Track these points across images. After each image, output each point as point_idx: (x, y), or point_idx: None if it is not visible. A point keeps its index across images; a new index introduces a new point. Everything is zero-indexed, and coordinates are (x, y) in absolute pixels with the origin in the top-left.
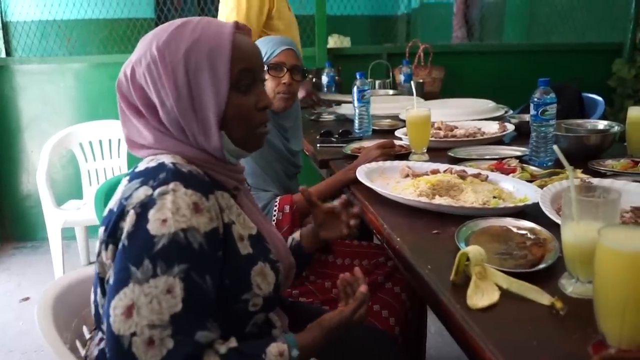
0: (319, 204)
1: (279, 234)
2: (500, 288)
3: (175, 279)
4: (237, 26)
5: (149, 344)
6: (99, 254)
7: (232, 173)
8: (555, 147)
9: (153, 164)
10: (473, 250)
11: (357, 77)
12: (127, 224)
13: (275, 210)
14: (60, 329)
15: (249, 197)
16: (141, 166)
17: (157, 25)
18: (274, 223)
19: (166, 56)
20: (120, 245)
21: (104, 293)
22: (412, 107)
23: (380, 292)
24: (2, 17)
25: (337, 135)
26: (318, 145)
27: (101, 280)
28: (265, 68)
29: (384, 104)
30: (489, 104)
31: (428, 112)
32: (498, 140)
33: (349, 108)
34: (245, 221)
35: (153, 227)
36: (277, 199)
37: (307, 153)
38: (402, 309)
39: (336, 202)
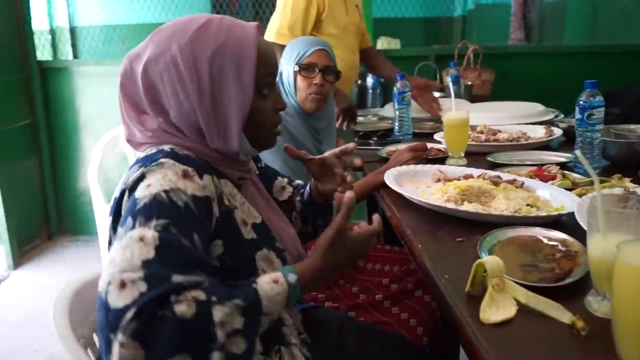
0: (308, 156)
1: (289, 228)
2: (518, 303)
3: (150, 230)
4: (259, 27)
5: (121, 287)
6: (109, 242)
7: (237, 166)
8: (577, 152)
9: (153, 150)
10: (490, 260)
11: (398, 78)
12: (124, 203)
13: None
14: (75, 323)
15: (259, 187)
16: (141, 154)
17: None
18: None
19: (190, 58)
20: None
21: None
22: (450, 110)
23: (409, 300)
24: (70, 22)
25: (375, 138)
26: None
27: None
28: (297, 69)
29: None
30: (538, 107)
31: (466, 114)
32: (545, 146)
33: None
34: (249, 210)
35: (138, 192)
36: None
37: None
38: (431, 319)
39: (328, 153)
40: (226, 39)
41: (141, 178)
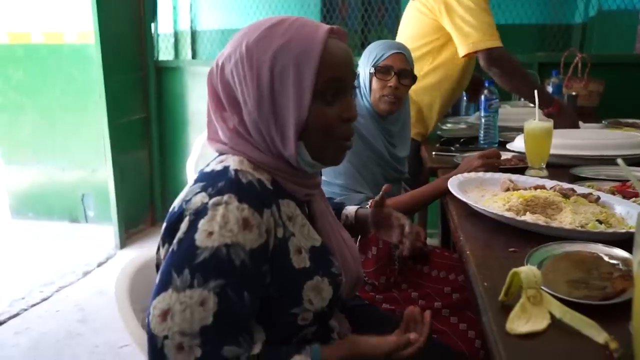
0: (384, 204)
1: (351, 242)
2: (553, 317)
3: (210, 293)
4: (332, 30)
5: (179, 349)
6: (158, 248)
7: (305, 180)
8: (619, 160)
9: (219, 167)
10: (526, 270)
11: (485, 85)
12: (181, 229)
13: None
14: (135, 294)
15: (324, 200)
16: (209, 167)
17: None
18: None
19: (254, 55)
20: (170, 248)
21: None
22: (532, 118)
23: (470, 311)
24: (191, 26)
25: (457, 145)
26: (434, 153)
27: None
28: (373, 71)
29: (523, 116)
30: (636, 137)
31: (549, 124)
32: None
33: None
34: (309, 232)
35: (199, 237)
36: (369, 202)
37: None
38: None
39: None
40: (291, 38)
41: (203, 213)
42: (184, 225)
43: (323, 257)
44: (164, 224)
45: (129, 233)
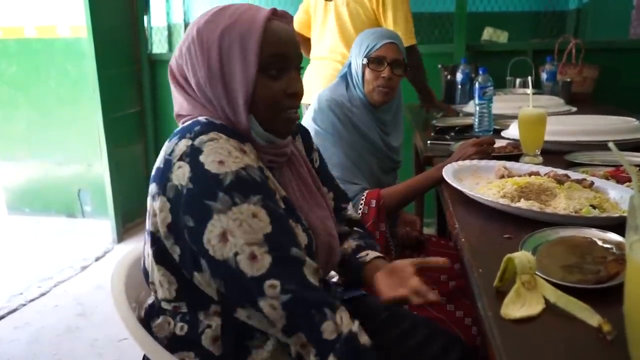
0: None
1: (327, 218)
2: (547, 302)
3: (255, 206)
4: (275, 12)
5: (252, 258)
6: (148, 215)
7: (267, 149)
8: (611, 144)
9: (188, 121)
10: (520, 256)
11: (480, 72)
12: (182, 173)
13: (361, 204)
14: (130, 286)
15: (299, 173)
16: (179, 127)
17: None
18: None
19: (203, 37)
20: (183, 191)
21: (151, 245)
22: (526, 105)
23: (467, 299)
24: (184, 19)
25: (452, 133)
26: (429, 142)
27: (152, 234)
28: (365, 61)
29: (518, 103)
30: (631, 122)
31: (543, 110)
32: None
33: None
34: (275, 184)
35: (212, 167)
36: (365, 193)
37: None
38: None
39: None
40: (236, 19)
41: (197, 151)
42: (180, 170)
43: (291, 209)
44: (152, 183)
45: (126, 227)
